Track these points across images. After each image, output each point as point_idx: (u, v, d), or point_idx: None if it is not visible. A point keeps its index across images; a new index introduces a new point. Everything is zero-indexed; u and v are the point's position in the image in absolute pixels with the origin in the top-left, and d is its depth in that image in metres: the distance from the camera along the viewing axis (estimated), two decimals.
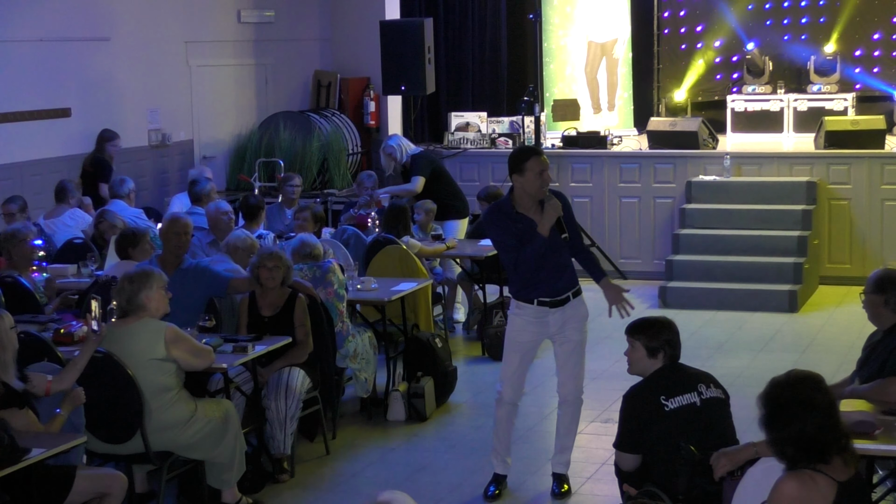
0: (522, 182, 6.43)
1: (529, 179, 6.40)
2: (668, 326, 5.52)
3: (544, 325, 6.62)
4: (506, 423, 6.81)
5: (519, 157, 6.49)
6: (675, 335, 5.51)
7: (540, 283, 6.53)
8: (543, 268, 6.49)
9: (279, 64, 14.90)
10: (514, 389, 6.76)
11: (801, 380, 4.15)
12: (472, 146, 13.46)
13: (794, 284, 11.35)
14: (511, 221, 6.47)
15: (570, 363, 6.73)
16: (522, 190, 6.45)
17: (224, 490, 6.51)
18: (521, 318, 6.63)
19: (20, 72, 11.43)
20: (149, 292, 6.24)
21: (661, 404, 5.28)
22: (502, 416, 6.81)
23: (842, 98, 13.76)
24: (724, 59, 14.98)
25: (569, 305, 6.62)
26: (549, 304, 6.56)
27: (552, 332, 6.65)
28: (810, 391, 4.10)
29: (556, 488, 6.84)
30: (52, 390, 5.67)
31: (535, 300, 6.56)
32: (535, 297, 6.55)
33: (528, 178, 6.40)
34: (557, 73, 14.50)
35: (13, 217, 9.65)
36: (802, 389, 4.11)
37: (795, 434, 4.05)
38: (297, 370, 7.23)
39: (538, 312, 6.58)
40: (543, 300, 6.55)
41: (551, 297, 6.55)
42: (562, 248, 6.55)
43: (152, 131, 13.05)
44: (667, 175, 12.63)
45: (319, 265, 7.91)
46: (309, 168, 13.73)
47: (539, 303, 6.56)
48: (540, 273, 6.50)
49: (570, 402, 6.80)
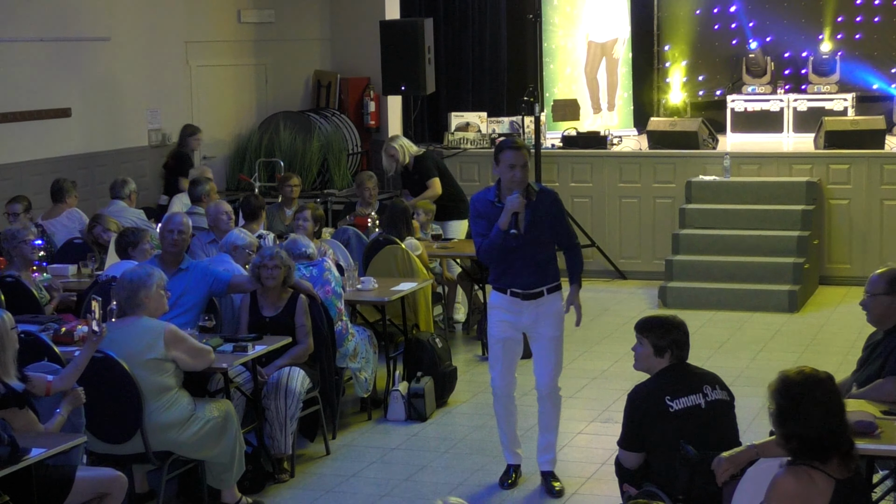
0: (500, 172, 6.56)
1: (502, 171, 6.53)
2: (677, 327, 5.50)
3: (518, 316, 6.70)
4: (506, 416, 6.92)
5: (499, 147, 6.64)
6: (683, 336, 5.48)
7: (512, 274, 6.63)
8: (515, 259, 6.58)
9: (279, 64, 14.89)
10: (504, 381, 6.85)
11: (819, 381, 4.15)
12: (472, 146, 13.46)
13: (794, 284, 11.35)
14: (488, 208, 6.58)
15: (543, 358, 6.79)
16: (503, 179, 6.57)
17: (224, 490, 6.52)
18: (496, 307, 6.76)
19: (20, 72, 11.42)
20: (148, 291, 6.24)
21: (666, 404, 5.27)
22: (500, 411, 6.93)
23: (842, 98, 13.76)
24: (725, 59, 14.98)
25: (543, 300, 6.68)
26: (522, 296, 6.65)
27: (526, 324, 6.74)
28: (825, 393, 4.11)
29: (551, 490, 6.84)
30: (53, 391, 5.66)
31: (507, 290, 6.68)
32: (508, 287, 6.67)
33: (502, 170, 6.54)
34: (557, 73, 14.50)
35: (17, 217, 9.64)
36: (818, 391, 4.11)
37: (804, 432, 4.06)
38: (297, 370, 7.23)
39: (512, 303, 6.68)
40: (516, 291, 6.65)
41: (523, 290, 6.64)
42: (542, 243, 6.63)
43: (152, 131, 13.05)
44: (667, 175, 12.63)
45: (315, 264, 7.90)
46: (309, 168, 13.73)
47: (512, 293, 6.67)
48: (514, 264, 6.59)
49: (546, 397, 6.85)
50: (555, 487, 6.84)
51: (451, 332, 10.49)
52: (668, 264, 11.87)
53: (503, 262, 6.63)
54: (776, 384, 4.18)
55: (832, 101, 13.77)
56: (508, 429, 6.94)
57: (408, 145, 11.09)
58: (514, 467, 6.99)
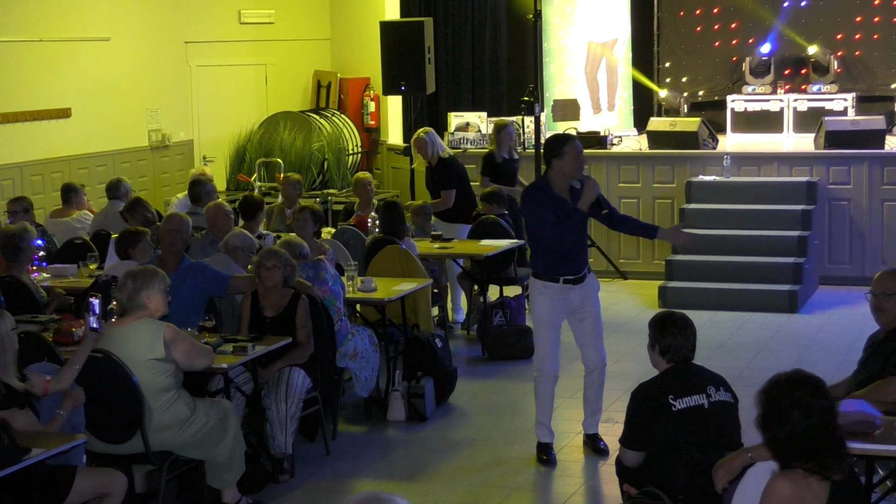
0: (561, 165, 7.00)
1: (568, 162, 6.99)
2: (677, 326, 5.40)
3: (568, 300, 7.16)
4: (550, 396, 7.35)
5: (558, 141, 7.12)
6: (680, 339, 5.39)
7: (565, 262, 7.09)
8: (574, 244, 7.06)
9: (279, 64, 14.90)
10: (553, 363, 7.29)
11: (800, 383, 4.12)
12: (472, 146, 13.46)
13: (794, 284, 11.34)
14: (549, 199, 7.01)
15: (594, 334, 7.32)
16: (560, 172, 7.01)
17: (224, 490, 6.51)
18: (546, 296, 7.15)
19: (20, 72, 11.43)
20: (150, 292, 6.23)
21: (668, 403, 5.26)
22: (546, 391, 7.32)
23: (842, 98, 13.76)
24: (725, 59, 14.98)
25: (587, 280, 7.21)
26: (573, 281, 7.13)
27: (574, 307, 7.19)
28: (807, 395, 4.08)
29: (600, 443, 7.41)
30: (51, 390, 5.66)
31: (560, 278, 7.11)
32: (560, 276, 7.11)
33: (567, 161, 6.99)
34: (557, 73, 14.50)
35: (17, 217, 9.64)
36: (800, 393, 4.09)
37: (787, 436, 4.05)
38: (298, 370, 7.23)
39: (563, 290, 7.12)
40: (568, 278, 7.11)
41: (574, 275, 7.12)
42: (584, 228, 7.17)
43: (152, 131, 13.06)
44: (667, 175, 12.63)
45: (311, 264, 7.89)
46: (309, 168, 13.73)
47: (564, 281, 7.11)
48: (573, 249, 7.06)
49: (598, 369, 7.39)
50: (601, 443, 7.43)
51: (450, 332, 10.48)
52: (668, 264, 11.87)
53: (570, 248, 7.02)
54: (763, 387, 4.18)
55: (832, 101, 13.77)
56: (549, 408, 7.36)
57: (438, 142, 11.11)
58: (549, 445, 7.35)
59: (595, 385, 7.43)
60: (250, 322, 7.35)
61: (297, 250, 7.89)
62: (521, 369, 9.33)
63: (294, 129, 13.89)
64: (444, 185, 10.94)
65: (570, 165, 7.02)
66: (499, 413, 8.35)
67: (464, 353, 10.01)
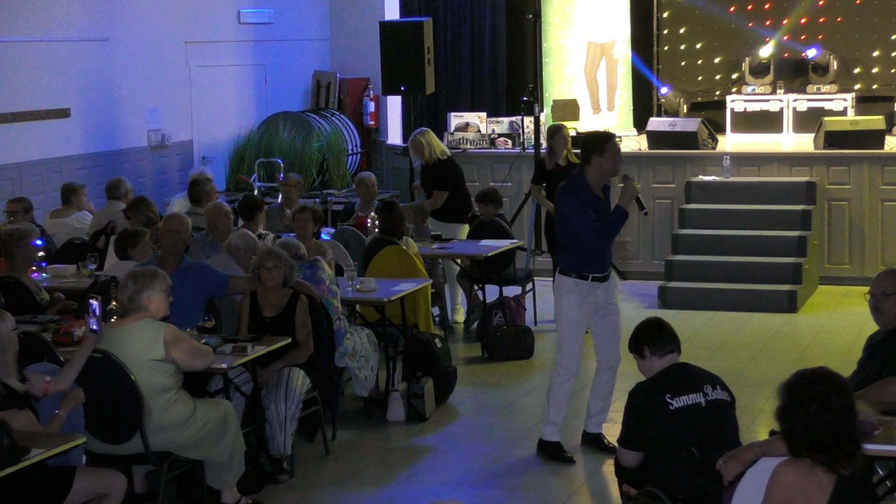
0: (601, 162, 7.10)
1: (609, 159, 7.10)
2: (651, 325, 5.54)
3: (595, 298, 7.22)
4: (567, 396, 7.38)
5: (600, 139, 7.21)
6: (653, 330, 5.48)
7: (596, 260, 7.17)
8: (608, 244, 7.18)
9: (279, 64, 14.90)
10: (577, 362, 7.33)
11: (822, 379, 4.15)
12: (471, 146, 13.46)
13: (794, 284, 11.34)
14: (589, 198, 7.12)
15: (615, 332, 7.37)
16: (600, 170, 7.12)
17: (223, 490, 6.50)
18: (576, 294, 7.19)
19: (20, 72, 11.43)
20: (151, 293, 6.22)
21: (665, 402, 5.27)
22: (565, 390, 7.34)
23: (841, 98, 13.76)
24: (725, 59, 14.98)
25: (610, 279, 7.33)
26: (601, 279, 7.22)
27: (600, 303, 7.25)
28: (828, 391, 4.11)
29: (605, 442, 7.36)
30: (51, 390, 5.66)
31: (589, 276, 7.17)
32: (590, 274, 7.17)
33: (608, 158, 7.10)
34: (557, 73, 14.50)
35: (17, 217, 9.64)
36: (820, 388, 4.11)
37: (803, 429, 4.07)
38: (297, 370, 7.23)
39: (591, 287, 7.19)
40: (597, 276, 7.20)
41: (602, 273, 7.21)
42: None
43: (152, 131, 13.06)
44: (666, 175, 12.63)
45: (307, 264, 7.89)
46: (309, 168, 13.73)
47: (593, 279, 7.19)
48: (604, 249, 7.15)
49: (613, 367, 7.42)
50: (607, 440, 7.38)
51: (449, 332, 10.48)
52: (667, 264, 11.87)
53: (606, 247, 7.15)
54: (786, 380, 4.20)
55: (832, 101, 13.77)
56: (564, 407, 7.37)
57: (435, 143, 11.10)
58: (559, 445, 7.35)
59: (609, 383, 7.46)
60: (249, 322, 7.34)
61: (294, 251, 7.88)
62: (521, 369, 9.33)
63: (293, 129, 13.89)
64: (438, 185, 10.94)
65: (611, 163, 7.14)
66: (499, 413, 8.35)
67: (464, 353, 10.01)
